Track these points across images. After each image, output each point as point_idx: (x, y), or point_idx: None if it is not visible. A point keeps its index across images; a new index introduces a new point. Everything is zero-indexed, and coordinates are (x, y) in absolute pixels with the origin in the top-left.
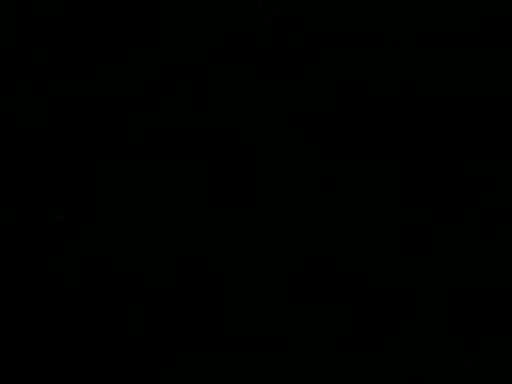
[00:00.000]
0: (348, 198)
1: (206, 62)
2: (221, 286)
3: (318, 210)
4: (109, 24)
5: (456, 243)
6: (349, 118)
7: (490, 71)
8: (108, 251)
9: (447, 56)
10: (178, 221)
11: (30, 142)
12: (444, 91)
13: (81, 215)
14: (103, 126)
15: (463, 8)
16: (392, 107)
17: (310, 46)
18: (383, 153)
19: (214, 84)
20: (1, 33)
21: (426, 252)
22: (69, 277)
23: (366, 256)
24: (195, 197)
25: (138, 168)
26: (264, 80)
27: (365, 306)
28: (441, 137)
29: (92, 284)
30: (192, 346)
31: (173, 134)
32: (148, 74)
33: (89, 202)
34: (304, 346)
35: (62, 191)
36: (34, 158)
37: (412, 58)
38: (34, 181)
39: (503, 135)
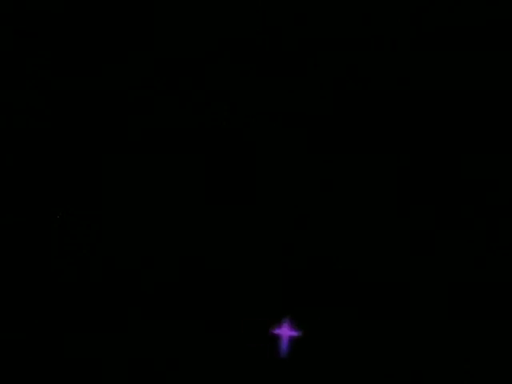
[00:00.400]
0: (348, 198)
1: (206, 61)
2: (221, 286)
3: (317, 210)
4: (109, 24)
5: (456, 243)
6: (349, 118)
7: (490, 71)
8: (108, 251)
9: (447, 56)
10: (178, 221)
11: (30, 142)
12: (444, 91)
13: (81, 215)
14: (103, 126)
15: (463, 8)
16: (392, 107)
17: (309, 45)
18: (383, 153)
19: (213, 84)
20: (1, 33)
21: (426, 252)
22: (69, 277)
23: (366, 256)
24: (195, 197)
25: (138, 168)
26: (264, 80)
27: (365, 305)
28: (441, 137)
29: (92, 284)
30: (192, 345)
31: (173, 133)
32: (148, 73)
33: (89, 202)
34: (303, 346)
35: (61, 191)
36: (34, 158)
37: (412, 58)
38: (34, 181)
39: (503, 135)
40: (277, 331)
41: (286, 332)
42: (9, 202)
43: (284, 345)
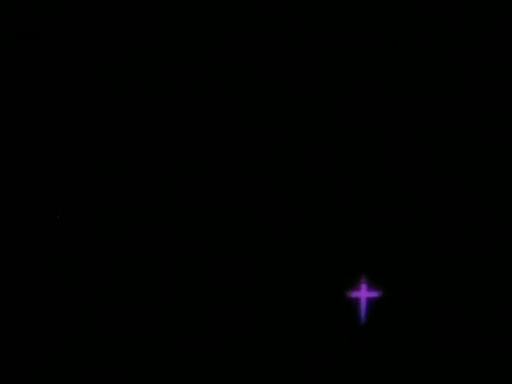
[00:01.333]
0: (348, 198)
1: (206, 61)
2: (221, 286)
3: (318, 209)
4: (109, 24)
5: (456, 243)
6: (349, 117)
7: (490, 71)
8: (108, 251)
9: (447, 56)
10: (178, 221)
11: (30, 142)
12: (444, 91)
13: (81, 215)
14: (103, 126)
15: (463, 8)
16: (392, 107)
17: (309, 45)
18: (383, 153)
19: (214, 84)
20: (1, 33)
21: (426, 252)
22: (69, 277)
23: (366, 256)
24: (195, 197)
25: (138, 168)
26: (264, 80)
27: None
28: (440, 137)
29: (92, 284)
30: (194, 345)
31: (173, 133)
32: (148, 73)
33: (89, 202)
34: (304, 347)
35: (61, 191)
36: (34, 158)
37: (412, 58)
38: (33, 181)
39: (503, 135)
40: (354, 294)
41: (364, 294)
42: (9, 202)
43: (363, 308)
